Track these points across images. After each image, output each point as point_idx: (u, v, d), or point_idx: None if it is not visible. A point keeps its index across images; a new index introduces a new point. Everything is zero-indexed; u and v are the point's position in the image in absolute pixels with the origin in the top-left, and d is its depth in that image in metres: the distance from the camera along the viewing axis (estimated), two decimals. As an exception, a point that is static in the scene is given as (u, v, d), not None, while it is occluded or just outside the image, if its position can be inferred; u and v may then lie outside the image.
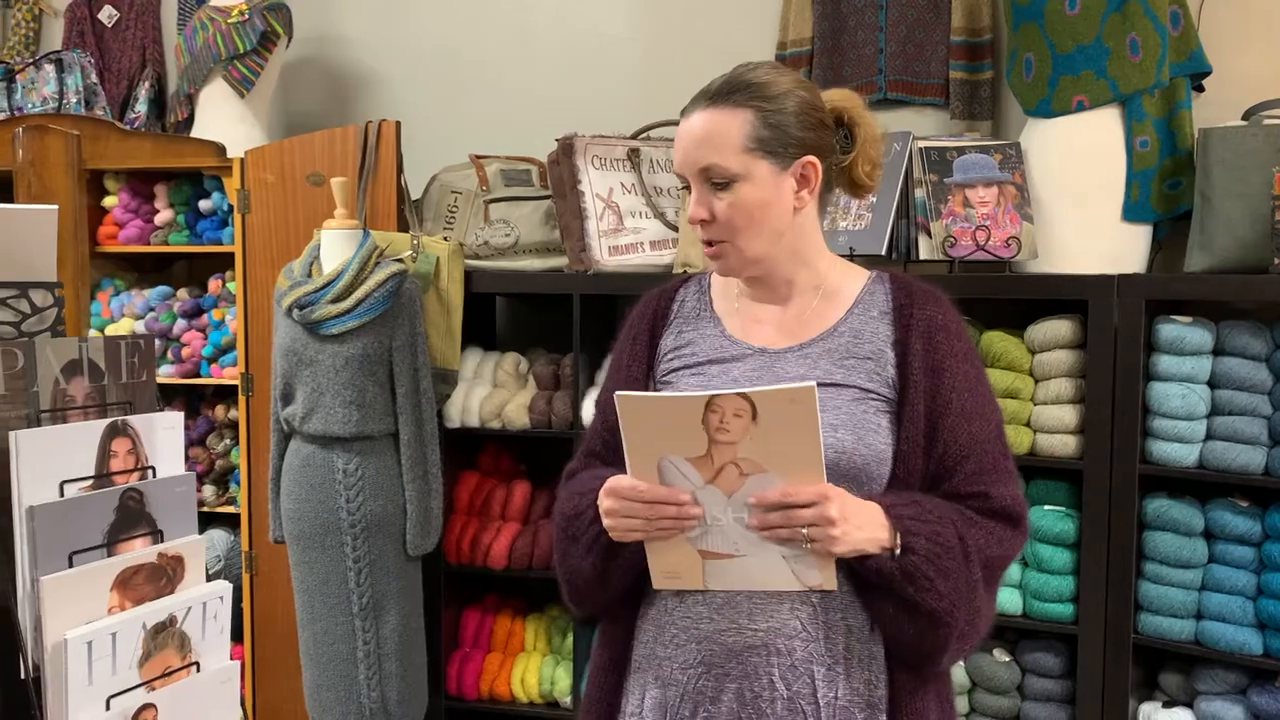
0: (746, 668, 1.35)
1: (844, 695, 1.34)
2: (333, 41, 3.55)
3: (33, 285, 1.49)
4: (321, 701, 2.61)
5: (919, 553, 1.30)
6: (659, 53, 3.19)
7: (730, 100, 1.38)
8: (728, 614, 1.36)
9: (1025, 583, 2.41)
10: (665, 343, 1.51)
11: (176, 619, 1.37)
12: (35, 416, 1.30)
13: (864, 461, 1.35)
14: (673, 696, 1.39)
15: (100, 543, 1.33)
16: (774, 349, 1.43)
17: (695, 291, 1.54)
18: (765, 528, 1.27)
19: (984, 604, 1.37)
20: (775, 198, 1.39)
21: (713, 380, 1.43)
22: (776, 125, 1.38)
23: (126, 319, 3.22)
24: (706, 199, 1.39)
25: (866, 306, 1.45)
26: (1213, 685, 2.29)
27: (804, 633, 1.34)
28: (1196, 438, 2.27)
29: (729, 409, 1.23)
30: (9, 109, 3.45)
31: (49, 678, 1.26)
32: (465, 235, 2.89)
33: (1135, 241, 2.51)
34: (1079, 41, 2.43)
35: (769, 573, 1.31)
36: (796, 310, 1.46)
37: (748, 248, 1.40)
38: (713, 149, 1.37)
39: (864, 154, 1.45)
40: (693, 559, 1.32)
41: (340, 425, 2.53)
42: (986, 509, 1.37)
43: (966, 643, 1.36)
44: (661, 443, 1.27)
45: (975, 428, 1.38)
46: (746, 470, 1.26)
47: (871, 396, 1.39)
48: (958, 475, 1.37)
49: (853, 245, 2.56)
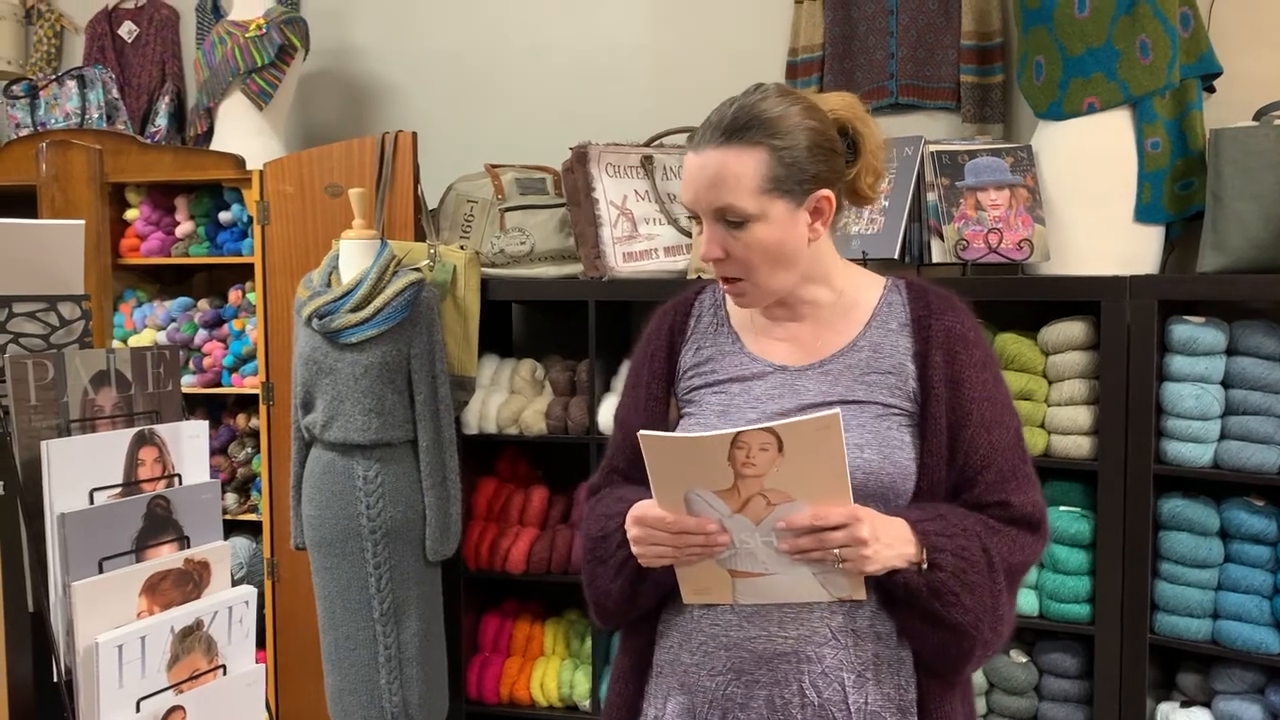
0: (777, 675, 1.35)
1: (874, 700, 1.35)
2: (349, 54, 3.59)
3: (61, 298, 1.52)
4: (344, 706, 2.64)
5: (945, 568, 1.31)
6: (671, 61, 3.22)
7: (743, 139, 1.34)
8: (758, 622, 1.36)
9: (1041, 584, 2.42)
10: (685, 359, 1.50)
11: (203, 623, 1.41)
12: (65, 426, 1.34)
13: (891, 480, 1.35)
14: (699, 703, 1.39)
15: (129, 549, 1.36)
16: (794, 367, 1.43)
17: (710, 304, 1.53)
18: (797, 551, 1.27)
19: (1006, 612, 1.38)
20: (790, 234, 1.37)
21: (735, 399, 1.42)
22: (791, 163, 1.35)
23: (148, 330, 3.26)
24: (721, 237, 1.37)
25: (885, 319, 1.44)
26: (1230, 685, 2.29)
27: (834, 640, 1.35)
28: (1211, 437, 2.27)
29: (755, 444, 1.22)
30: (33, 124, 3.51)
31: (80, 680, 1.29)
32: (481, 244, 2.92)
33: (1147, 242, 2.52)
34: (1089, 44, 2.44)
35: (798, 587, 1.31)
36: (814, 326, 1.45)
37: (766, 284, 1.39)
38: (728, 191, 1.34)
39: (867, 165, 1.43)
40: (723, 578, 1.32)
41: (360, 433, 2.56)
42: (1008, 517, 1.38)
43: (989, 650, 1.37)
44: (688, 478, 1.27)
45: (995, 436, 1.39)
46: (774, 500, 1.26)
47: (894, 412, 1.38)
48: (979, 484, 1.38)
49: (866, 249, 2.57)
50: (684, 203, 1.41)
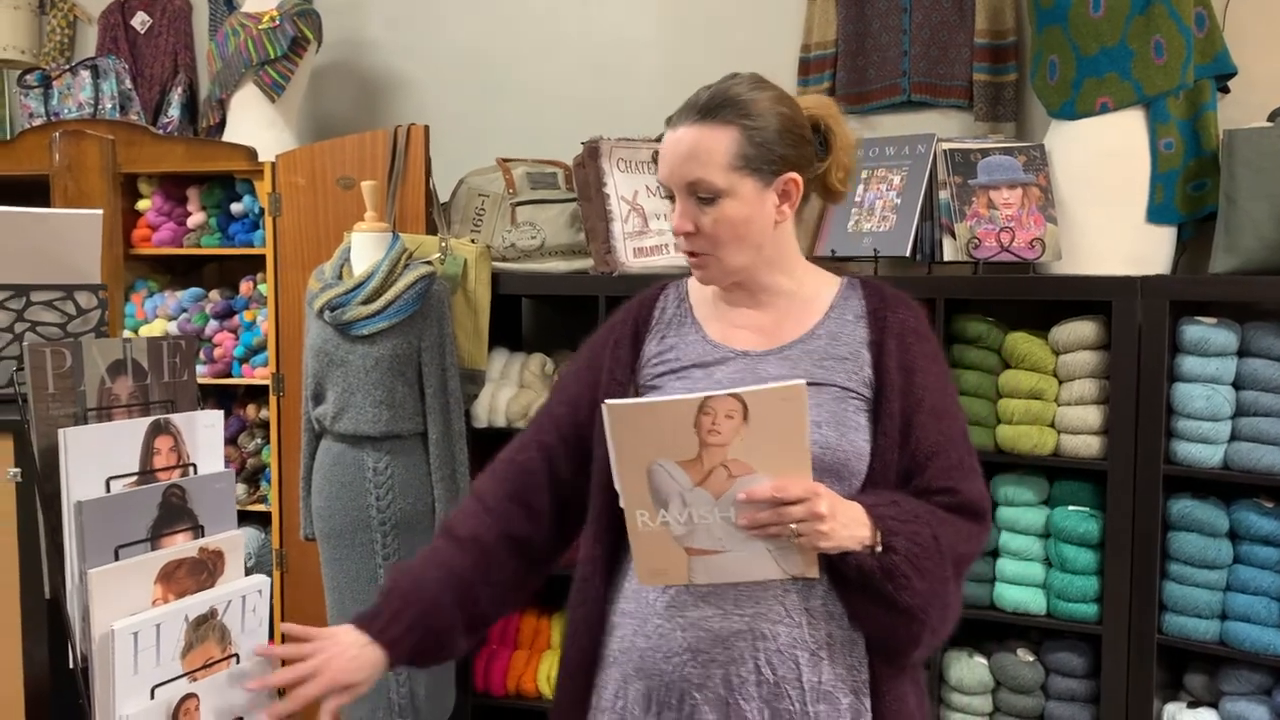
0: (732, 653, 1.38)
1: (828, 679, 1.38)
2: (362, 46, 3.59)
3: (78, 288, 1.53)
4: (351, 697, 2.65)
5: (899, 551, 1.34)
6: (684, 56, 3.22)
7: (717, 117, 1.41)
8: (713, 601, 1.39)
9: (1049, 582, 2.42)
10: (649, 349, 1.53)
11: (217, 611, 1.41)
12: (82, 415, 1.35)
13: (846, 457, 1.39)
14: (657, 685, 1.41)
15: (144, 537, 1.37)
16: (755, 352, 1.47)
17: (675, 298, 1.57)
18: (755, 525, 1.29)
19: (953, 599, 1.42)
20: (758, 213, 1.43)
21: (697, 384, 1.45)
22: (761, 143, 1.41)
23: (159, 320, 3.27)
24: (692, 212, 1.43)
25: (842, 310, 1.50)
26: (1238, 686, 2.29)
27: (788, 618, 1.38)
28: (1221, 438, 2.27)
29: (721, 410, 1.25)
30: (46, 114, 3.52)
31: (96, 667, 1.30)
32: (492, 238, 2.92)
33: (1159, 243, 2.52)
34: (1103, 43, 2.43)
35: (753, 565, 1.33)
36: (774, 315, 1.50)
37: (730, 259, 1.44)
38: (700, 165, 1.40)
39: (838, 161, 1.50)
40: (679, 556, 1.34)
41: (370, 425, 2.57)
42: (954, 504, 1.42)
43: (936, 638, 1.41)
44: (652, 448, 1.29)
45: (945, 426, 1.44)
46: (736, 472, 1.28)
47: (851, 395, 1.43)
48: (929, 471, 1.42)
49: (878, 247, 2.58)
50: (659, 179, 1.46)
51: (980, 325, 2.48)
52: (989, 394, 2.46)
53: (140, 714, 1.32)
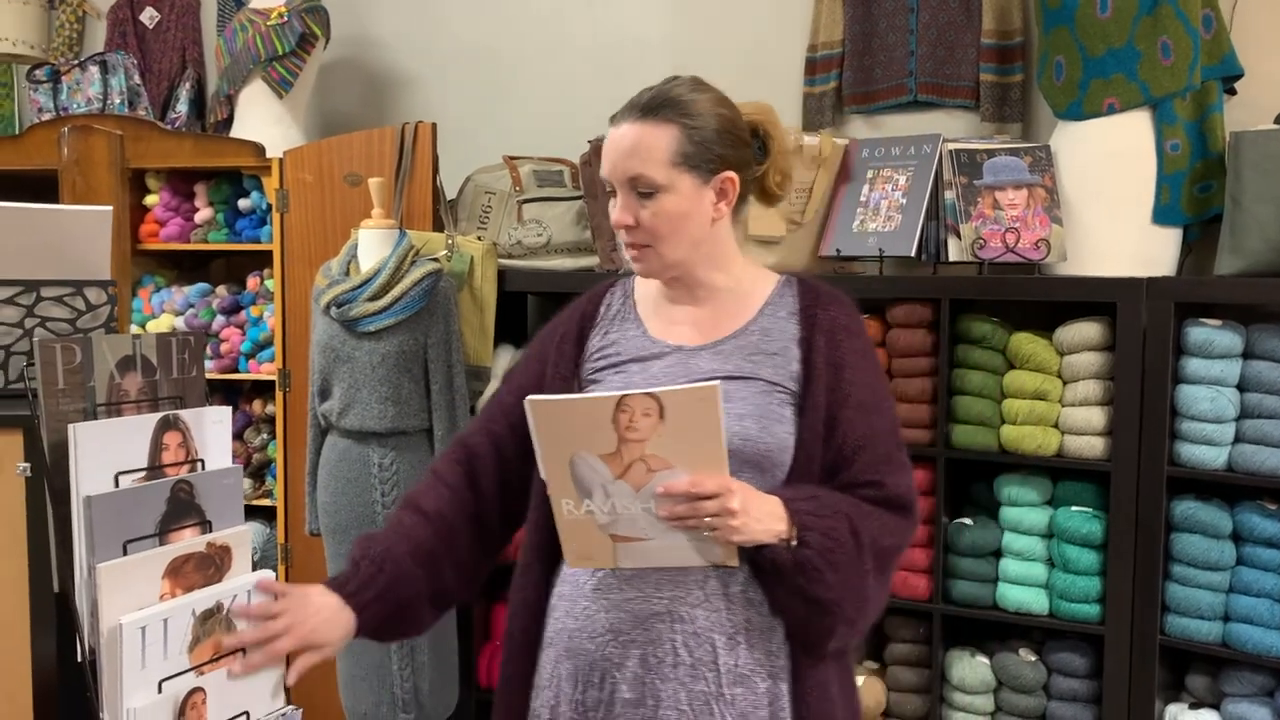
0: (651, 634, 1.43)
1: (745, 663, 1.43)
2: (370, 43, 3.60)
3: (88, 283, 1.54)
4: (355, 691, 2.66)
5: (812, 546, 1.38)
6: (691, 55, 3.22)
7: (658, 115, 1.47)
8: (635, 584, 1.44)
9: (1052, 583, 2.42)
10: (593, 343, 1.58)
11: (224, 606, 1.42)
12: (92, 410, 1.35)
13: (767, 449, 1.44)
14: (583, 664, 1.47)
15: (153, 532, 1.38)
16: (690, 346, 1.52)
17: (621, 295, 1.63)
18: (673, 517, 1.34)
19: (874, 593, 1.45)
20: (696, 209, 1.48)
21: (633, 378, 1.50)
22: (700, 142, 1.46)
23: (166, 315, 3.29)
24: (632, 206, 1.47)
25: (776, 307, 1.54)
26: (1240, 687, 2.29)
27: (707, 603, 1.42)
28: (1225, 440, 2.27)
29: (638, 408, 1.30)
30: (54, 109, 3.53)
31: (104, 661, 1.31)
32: (499, 235, 2.93)
33: (1165, 244, 2.52)
34: (1110, 44, 2.43)
35: (675, 552, 1.39)
36: (711, 311, 1.55)
37: (668, 253, 1.49)
38: (640, 160, 1.46)
39: (775, 165, 1.56)
40: (604, 542, 1.39)
41: (376, 420, 2.58)
42: (880, 497, 1.45)
43: (854, 628, 1.45)
44: (573, 442, 1.33)
45: (872, 420, 1.48)
46: (654, 466, 1.32)
47: (778, 389, 1.47)
48: (855, 464, 1.46)
49: (883, 247, 2.58)
50: (602, 174, 1.51)
51: (985, 325, 2.48)
52: (993, 394, 2.46)
53: (147, 708, 1.33)
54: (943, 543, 2.51)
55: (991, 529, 2.49)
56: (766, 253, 2.69)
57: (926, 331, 2.50)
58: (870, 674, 2.64)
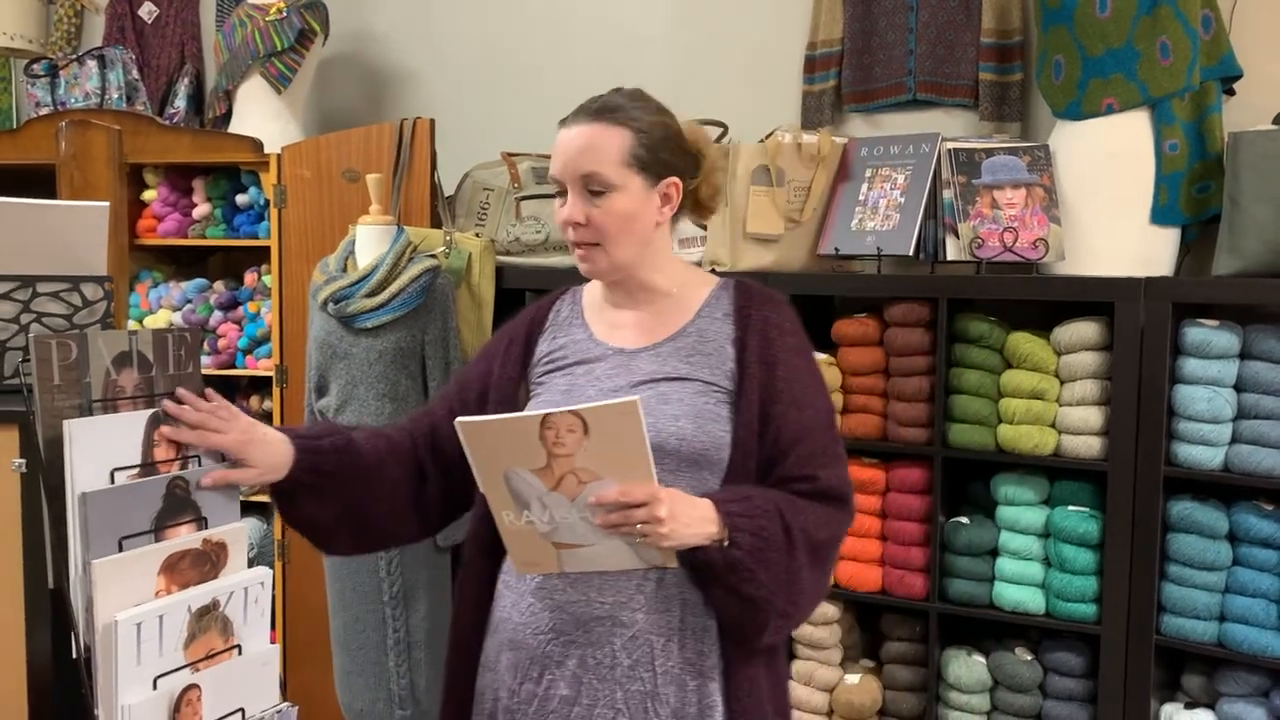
0: (592, 636, 1.49)
1: (677, 663, 1.49)
2: (368, 39, 3.60)
3: (84, 279, 1.54)
4: (351, 687, 2.66)
5: (743, 547, 1.43)
6: (690, 52, 3.22)
7: (612, 118, 1.53)
8: (579, 586, 1.50)
9: (1048, 582, 2.43)
10: (541, 348, 1.64)
11: (220, 603, 1.42)
12: (88, 406, 1.35)
13: (704, 447, 1.49)
14: (523, 658, 1.53)
15: (148, 528, 1.37)
16: (631, 349, 1.58)
17: (570, 302, 1.69)
18: (607, 526, 1.39)
19: (810, 586, 1.51)
20: (643, 210, 1.54)
21: (579, 379, 1.57)
22: (649, 146, 1.53)
23: (164, 310, 3.28)
24: (583, 204, 1.53)
25: (712, 309, 1.60)
26: (1235, 687, 2.30)
27: (646, 606, 1.49)
28: (1222, 441, 2.28)
29: (563, 425, 1.34)
30: (53, 104, 3.52)
31: (99, 657, 1.31)
32: (497, 232, 2.93)
33: (1163, 244, 2.52)
34: (1109, 44, 2.43)
35: (615, 557, 1.44)
36: (652, 313, 1.61)
37: (616, 253, 1.54)
38: (594, 159, 1.51)
39: (708, 180, 1.62)
40: (548, 550, 1.44)
41: (373, 417, 2.58)
42: (814, 491, 1.51)
43: (789, 622, 1.52)
44: (505, 458, 1.38)
45: (806, 415, 1.53)
46: (585, 478, 1.37)
47: (713, 389, 1.53)
48: (790, 459, 1.51)
49: (880, 245, 2.58)
50: (552, 174, 1.57)
51: (982, 325, 2.48)
52: (990, 394, 2.47)
53: (142, 704, 1.33)
54: (939, 542, 2.51)
55: (988, 528, 2.49)
56: (765, 250, 2.69)
57: (924, 330, 2.50)
58: (866, 672, 2.64)
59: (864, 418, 2.58)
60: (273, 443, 1.50)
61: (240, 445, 1.46)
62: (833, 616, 2.63)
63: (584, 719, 1.49)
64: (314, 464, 1.52)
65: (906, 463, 2.56)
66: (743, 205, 2.66)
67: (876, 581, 2.58)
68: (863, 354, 2.58)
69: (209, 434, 1.43)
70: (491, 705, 1.58)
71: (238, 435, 1.46)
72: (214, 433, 1.44)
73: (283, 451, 1.50)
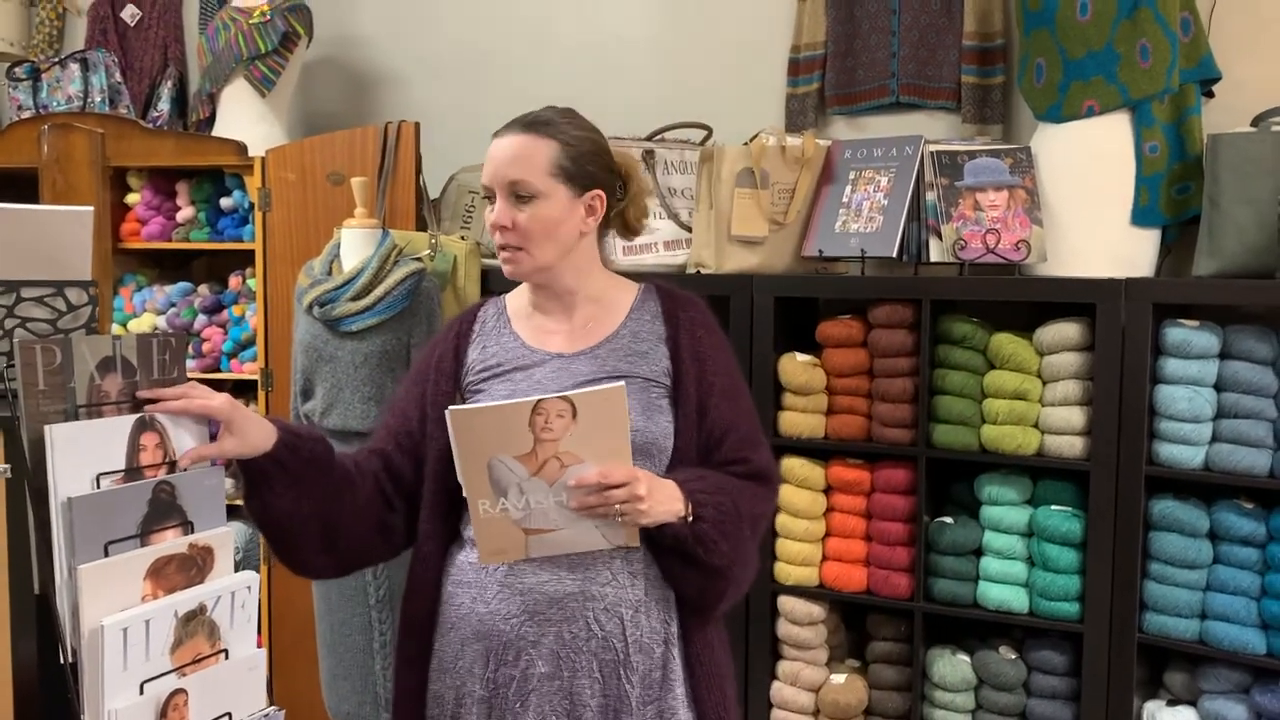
0: (566, 612, 1.58)
1: (646, 632, 1.61)
2: (352, 42, 3.59)
3: (68, 284, 1.54)
4: (338, 691, 2.66)
5: (707, 520, 1.56)
6: (675, 55, 3.23)
7: (541, 131, 1.63)
8: (547, 568, 1.58)
9: (1032, 581, 2.44)
10: (471, 356, 1.72)
11: (206, 607, 1.42)
12: (73, 411, 1.35)
13: (654, 438, 1.61)
14: (495, 645, 1.60)
15: (134, 533, 1.37)
16: (568, 354, 1.67)
17: (494, 312, 1.77)
18: (584, 507, 1.49)
19: (751, 557, 1.66)
20: (567, 218, 1.64)
21: (519, 384, 1.64)
22: (575, 159, 1.63)
23: (148, 314, 3.27)
24: (510, 210, 1.62)
25: (640, 313, 1.72)
26: (1216, 684, 2.32)
27: (614, 580, 1.59)
28: (1202, 440, 2.30)
29: (553, 410, 1.44)
30: (34, 107, 3.51)
31: (85, 662, 1.31)
32: (482, 234, 2.93)
33: (1144, 245, 2.54)
34: (1090, 47, 2.45)
35: (583, 539, 1.54)
36: (580, 320, 1.70)
37: (539, 256, 1.64)
38: (521, 168, 1.61)
39: (635, 203, 1.74)
40: (517, 536, 1.53)
41: (359, 420, 2.58)
42: (747, 472, 1.66)
43: (739, 590, 1.66)
44: (491, 446, 1.46)
45: (736, 404, 1.68)
46: (567, 462, 1.47)
47: (654, 384, 1.65)
48: (725, 445, 1.65)
49: (864, 247, 2.59)
50: (483, 182, 1.66)
51: (965, 326, 2.50)
52: (974, 394, 2.48)
53: (129, 709, 1.32)
54: (924, 541, 2.52)
55: (972, 528, 2.51)
56: (749, 252, 2.70)
57: (907, 332, 2.52)
58: (852, 672, 2.66)
59: (848, 419, 2.59)
60: (256, 419, 1.53)
61: (228, 408, 1.47)
62: (818, 617, 2.64)
63: (565, 691, 1.58)
64: (294, 446, 1.54)
65: (891, 463, 2.57)
66: (727, 208, 2.67)
67: (862, 581, 2.59)
68: (847, 355, 2.59)
69: (195, 400, 1.45)
70: (454, 705, 1.63)
71: (223, 401, 1.47)
72: (199, 400, 1.45)
73: (266, 429, 1.53)
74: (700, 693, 1.64)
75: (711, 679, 1.65)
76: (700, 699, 1.64)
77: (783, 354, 2.65)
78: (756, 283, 2.63)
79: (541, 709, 1.58)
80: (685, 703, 1.63)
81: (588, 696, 1.58)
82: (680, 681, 1.63)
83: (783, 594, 2.66)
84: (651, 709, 1.61)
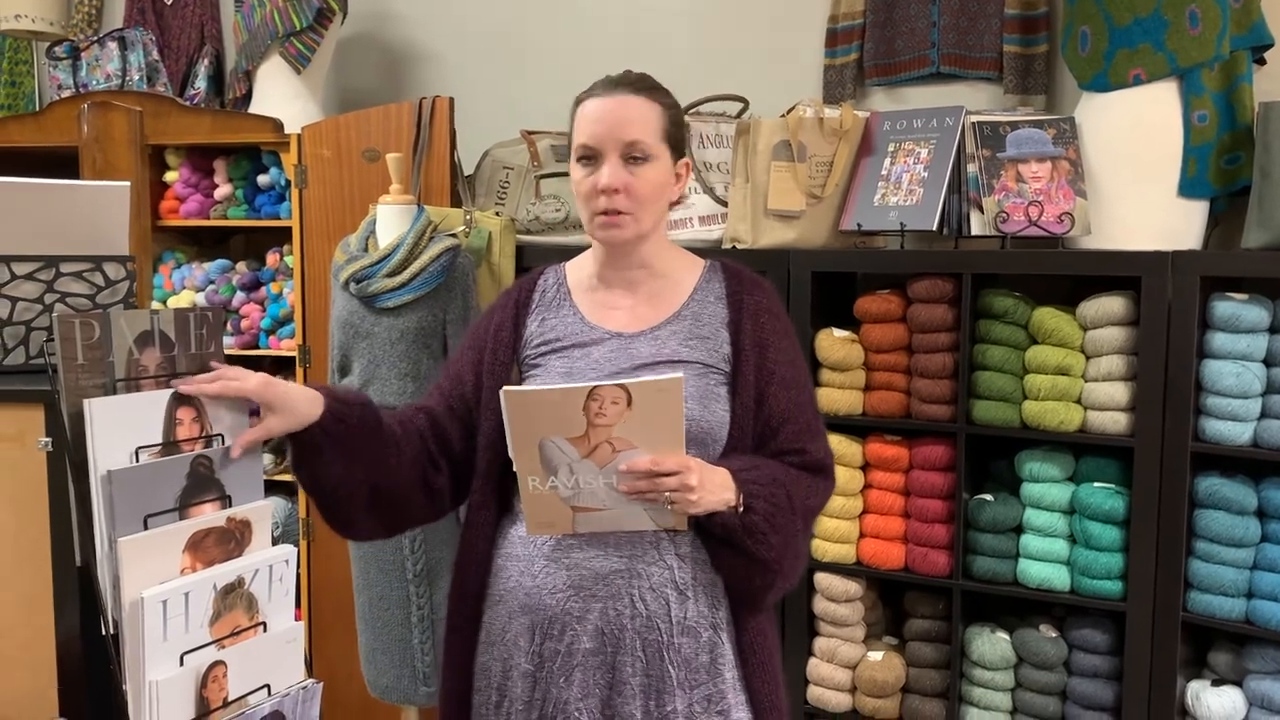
0: (611, 589, 1.55)
1: (692, 615, 1.57)
2: (387, 18, 3.59)
3: (107, 259, 1.55)
4: (376, 664, 2.68)
5: (758, 512, 1.52)
6: (711, 27, 3.19)
7: (649, 93, 1.60)
8: (594, 544, 1.56)
9: (1074, 559, 2.41)
10: (530, 328, 1.68)
11: (245, 580, 1.43)
12: (112, 385, 1.36)
13: (709, 427, 1.57)
14: (540, 619, 1.58)
15: (173, 506, 1.38)
16: (628, 333, 1.63)
17: (554, 282, 1.72)
18: (634, 492, 1.47)
19: (803, 549, 1.64)
20: (668, 183, 1.62)
21: (576, 363, 1.61)
22: (675, 124, 1.62)
23: (187, 291, 3.30)
24: (622, 172, 1.56)
25: (705, 293, 1.67)
26: (1263, 664, 2.28)
27: (660, 561, 1.56)
28: (1251, 416, 2.25)
29: (608, 398, 1.42)
30: (74, 86, 3.53)
31: (126, 634, 1.32)
32: (517, 210, 2.92)
33: (1191, 217, 2.48)
34: (1136, 14, 2.39)
35: (630, 519, 1.52)
36: (645, 296, 1.66)
37: (644, 221, 1.59)
38: (640, 128, 1.56)
39: None
40: (565, 512, 1.52)
41: (395, 396, 2.58)
42: (803, 463, 1.62)
43: (788, 583, 1.61)
44: (544, 427, 1.45)
45: (795, 394, 1.63)
46: (619, 447, 1.45)
47: (713, 371, 1.60)
48: (781, 435, 1.61)
49: (904, 220, 2.56)
50: (585, 142, 1.58)
51: (1007, 300, 2.46)
52: (1015, 369, 2.44)
53: (169, 680, 1.34)
54: (963, 519, 2.50)
55: (1012, 505, 2.48)
56: (786, 227, 2.67)
57: (948, 306, 2.48)
58: (890, 649, 2.64)
59: (887, 395, 2.57)
60: (296, 391, 1.51)
61: (263, 389, 1.46)
62: (856, 594, 2.62)
63: (608, 667, 1.56)
64: (342, 415, 1.53)
65: (930, 440, 2.54)
66: (764, 181, 2.64)
67: (900, 559, 2.57)
68: (886, 330, 2.56)
69: (231, 383, 1.44)
70: (500, 678, 1.62)
71: (258, 382, 1.47)
72: (234, 381, 1.45)
73: (309, 398, 1.51)
74: (753, 681, 1.61)
75: (764, 666, 1.62)
76: (753, 687, 1.61)
77: (820, 330, 2.62)
78: (794, 257, 2.60)
79: (585, 684, 1.56)
80: (736, 688, 1.60)
81: (629, 674, 1.56)
82: (730, 666, 1.60)
83: (820, 571, 2.64)
84: (699, 692, 1.57)
